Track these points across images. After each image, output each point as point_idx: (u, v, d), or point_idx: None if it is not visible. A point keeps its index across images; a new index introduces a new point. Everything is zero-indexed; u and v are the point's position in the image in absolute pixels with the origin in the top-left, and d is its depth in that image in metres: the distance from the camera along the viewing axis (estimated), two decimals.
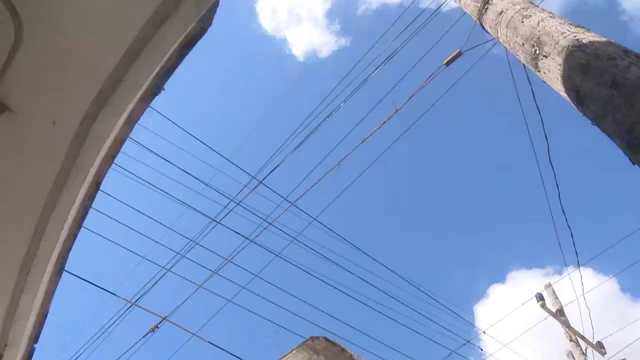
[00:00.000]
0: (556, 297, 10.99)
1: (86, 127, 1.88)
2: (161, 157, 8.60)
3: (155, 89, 1.86)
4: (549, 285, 11.09)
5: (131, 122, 1.94)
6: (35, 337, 2.80)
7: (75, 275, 6.20)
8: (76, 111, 1.86)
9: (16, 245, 2.31)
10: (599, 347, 10.69)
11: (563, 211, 5.87)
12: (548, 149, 5.68)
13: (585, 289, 9.60)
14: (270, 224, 8.17)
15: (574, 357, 10.89)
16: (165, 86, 1.92)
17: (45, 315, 2.73)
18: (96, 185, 2.22)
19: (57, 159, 2.00)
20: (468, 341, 11.08)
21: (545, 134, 5.44)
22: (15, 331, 2.65)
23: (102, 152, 2.00)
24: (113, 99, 1.83)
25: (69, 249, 2.46)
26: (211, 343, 6.95)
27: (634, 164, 2.43)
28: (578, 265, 7.66)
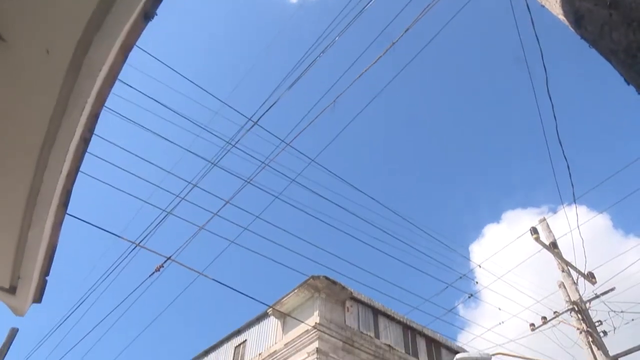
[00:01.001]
0: (550, 231, 11.26)
1: (80, 55, 1.87)
2: (157, 101, 8.52)
3: (147, 14, 1.84)
4: (543, 220, 11.34)
5: (125, 49, 1.92)
6: (46, 270, 2.90)
7: (81, 220, 6.32)
8: (69, 38, 1.84)
9: (20, 179, 2.35)
10: (590, 277, 11.09)
11: (560, 142, 5.91)
12: (547, 81, 5.65)
13: (579, 222, 9.85)
14: (267, 164, 8.23)
15: (565, 288, 11.32)
16: (157, 11, 1.89)
17: (54, 249, 2.81)
18: (95, 117, 2.23)
19: (53, 89, 1.99)
20: (464, 275, 11.45)
21: (544, 65, 5.39)
22: (27, 264, 2.75)
23: (99, 82, 2.00)
24: (105, 24, 1.81)
25: (73, 182, 2.51)
26: (216, 280, 7.19)
27: (628, 84, 2.43)
28: (573, 196, 7.81)
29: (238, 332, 23.24)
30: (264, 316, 21.64)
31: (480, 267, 11.98)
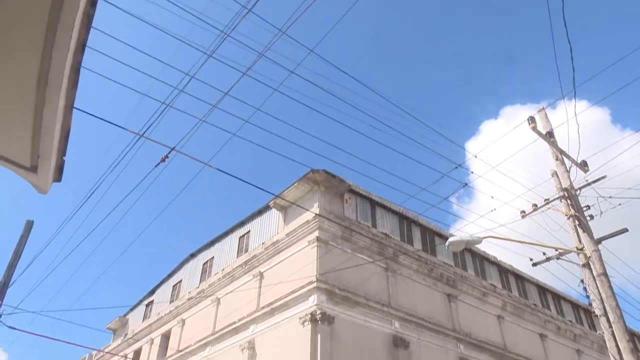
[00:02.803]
0: (547, 121, 11.36)
1: None
2: None
3: None
4: (542, 109, 11.38)
5: None
6: (63, 150, 3.03)
7: (85, 112, 6.37)
8: None
9: (29, 57, 2.38)
10: (583, 165, 11.39)
11: (565, 22, 5.75)
12: None
13: (577, 111, 9.91)
14: (262, 54, 8.07)
15: (557, 176, 11.67)
16: None
17: (69, 129, 2.92)
18: None
19: None
20: (459, 165, 11.75)
21: None
22: (45, 144, 2.87)
23: None
24: None
25: (80, 61, 2.54)
26: (220, 170, 7.41)
27: None
28: (574, 82, 7.77)
29: (242, 224, 24.34)
30: (265, 209, 22.52)
31: (475, 157, 12.24)
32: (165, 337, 27.11)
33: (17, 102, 2.56)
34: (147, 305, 32.01)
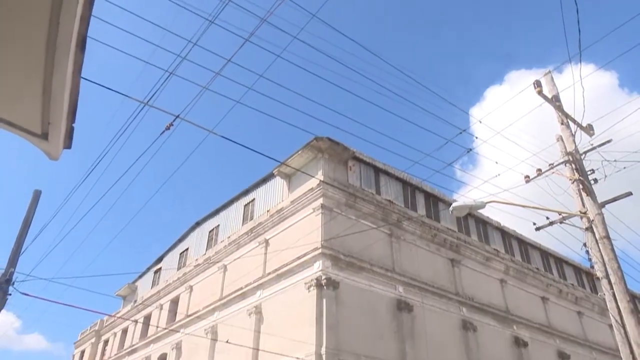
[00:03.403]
0: (553, 84, 11.23)
1: None
2: None
3: None
4: (548, 73, 11.24)
5: None
6: (72, 117, 3.06)
7: (91, 81, 6.36)
8: None
9: (37, 23, 2.38)
10: (588, 129, 11.33)
11: None
12: None
13: (584, 75, 9.79)
14: (264, 20, 7.96)
15: (562, 140, 11.63)
16: None
17: (77, 96, 2.94)
18: None
19: None
20: (464, 130, 11.71)
21: None
22: (55, 110, 2.90)
23: None
24: None
25: (87, 27, 2.54)
26: (225, 137, 7.42)
27: None
28: (579, 44, 7.65)
29: (246, 192, 24.50)
30: (270, 177, 22.62)
31: (480, 122, 12.18)
32: (174, 303, 27.72)
33: (26, 69, 2.58)
34: (155, 272, 32.62)
